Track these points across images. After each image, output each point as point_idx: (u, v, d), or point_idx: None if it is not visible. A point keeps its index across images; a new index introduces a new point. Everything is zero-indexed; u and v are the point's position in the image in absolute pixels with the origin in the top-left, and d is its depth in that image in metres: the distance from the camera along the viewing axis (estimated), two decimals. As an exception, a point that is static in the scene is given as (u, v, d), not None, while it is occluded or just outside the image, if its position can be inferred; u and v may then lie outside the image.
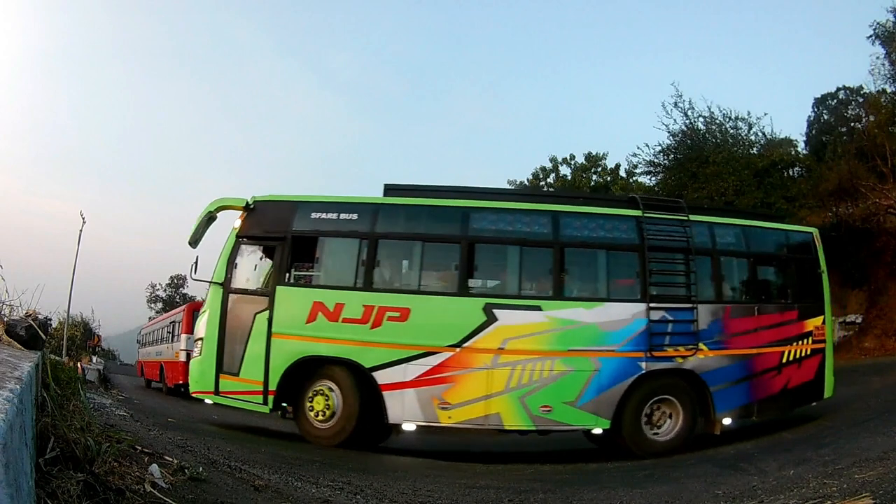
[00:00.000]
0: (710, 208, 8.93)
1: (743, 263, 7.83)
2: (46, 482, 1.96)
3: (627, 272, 7.35)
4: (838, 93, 26.94)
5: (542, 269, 7.19)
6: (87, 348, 25.08)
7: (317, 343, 6.86)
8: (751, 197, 17.20)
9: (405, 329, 6.79)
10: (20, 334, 3.33)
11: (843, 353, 15.96)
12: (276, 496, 3.89)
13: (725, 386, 7.08)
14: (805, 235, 8.60)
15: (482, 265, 7.24)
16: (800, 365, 7.51)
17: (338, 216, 7.20)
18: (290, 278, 7.17)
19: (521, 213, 7.37)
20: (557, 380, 6.72)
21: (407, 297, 6.96)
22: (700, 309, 7.09)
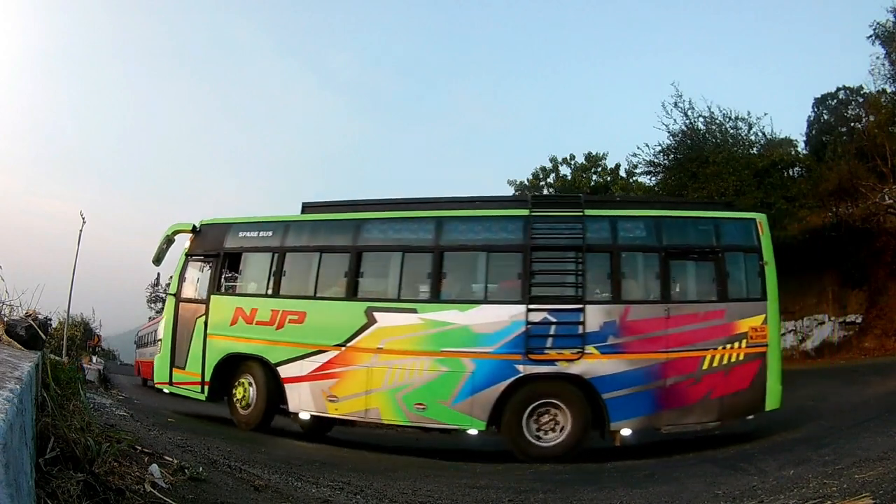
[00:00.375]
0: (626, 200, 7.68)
1: (652, 258, 7.08)
2: (46, 482, 1.96)
3: (510, 274, 7.21)
4: (838, 93, 26.95)
5: (421, 273, 7.35)
6: (87, 348, 25.07)
7: (238, 342, 7.95)
8: (751, 197, 17.19)
9: (302, 330, 7.59)
10: (20, 334, 3.33)
11: (844, 353, 15.97)
12: (276, 496, 3.89)
13: (623, 393, 6.61)
14: (744, 223, 7.37)
15: (368, 272, 7.66)
16: (728, 372, 6.71)
17: (257, 234, 8.30)
18: (221, 288, 8.30)
19: (407, 220, 7.72)
20: (432, 379, 6.94)
21: (304, 301, 7.72)
22: (589, 310, 6.74)
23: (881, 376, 11.83)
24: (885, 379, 11.44)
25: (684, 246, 7.16)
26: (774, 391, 6.81)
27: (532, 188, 23.63)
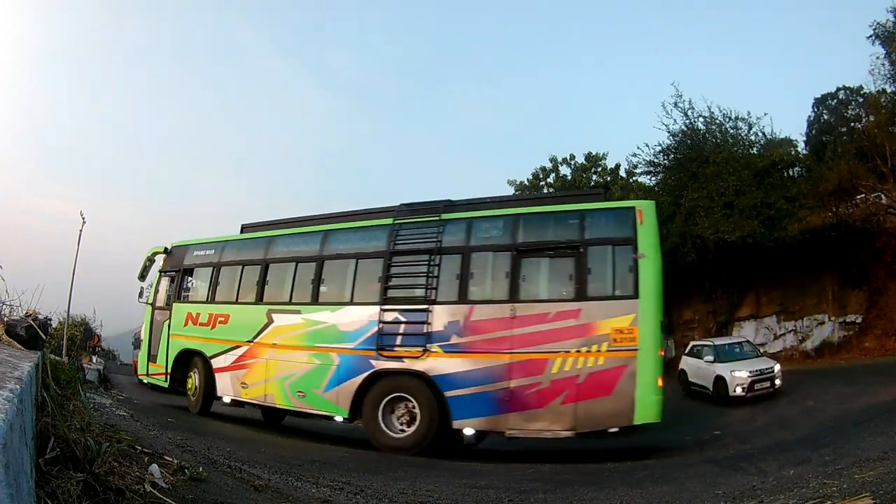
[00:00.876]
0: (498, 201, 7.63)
1: (503, 257, 6.96)
2: (46, 482, 1.96)
3: (373, 278, 7.69)
4: (838, 93, 26.96)
5: (307, 280, 8.27)
6: (87, 348, 25.05)
7: (188, 340, 9.53)
8: (751, 197, 17.18)
9: (227, 329, 8.97)
10: (20, 334, 3.33)
11: (844, 353, 15.96)
12: (276, 496, 3.89)
13: (464, 392, 6.63)
14: (617, 213, 6.92)
15: (272, 280, 8.80)
16: (584, 377, 6.28)
17: (204, 252, 9.88)
18: (180, 297, 9.98)
19: (301, 235, 8.77)
20: (309, 370, 7.85)
21: (229, 306, 9.14)
22: (435, 310, 6.96)
23: (881, 376, 11.83)
24: (885, 379, 11.44)
25: (538, 242, 6.94)
26: (647, 402, 6.10)
27: (532, 188, 23.63)
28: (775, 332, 17.84)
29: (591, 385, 6.24)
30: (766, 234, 16.76)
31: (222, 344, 8.92)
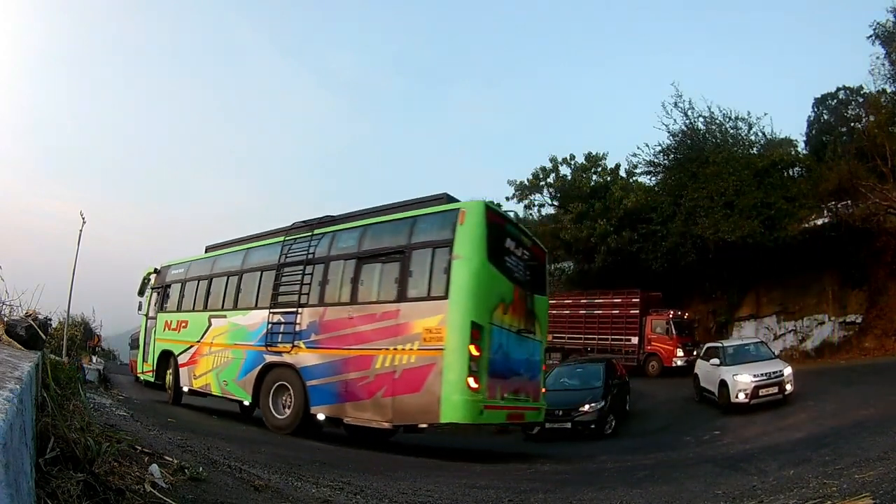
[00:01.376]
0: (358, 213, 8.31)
1: (351, 265, 7.68)
2: (46, 482, 1.96)
3: (270, 286, 8.83)
4: (838, 93, 26.97)
5: (232, 290, 9.79)
6: (87, 348, 25.04)
7: (166, 343, 11.23)
8: (751, 197, 17.18)
9: (186, 332, 10.58)
10: (20, 334, 3.33)
11: (844, 353, 15.96)
12: (276, 496, 3.89)
13: (318, 382, 7.48)
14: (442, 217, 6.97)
15: (213, 291, 10.34)
16: (399, 373, 6.54)
17: (177, 271, 11.64)
18: (162, 308, 11.78)
19: (231, 254, 10.31)
20: (229, 364, 9.25)
21: (187, 314, 10.78)
22: (303, 312, 7.95)
23: (881, 376, 11.83)
24: (885, 379, 11.44)
25: (375, 250, 7.49)
26: (451, 401, 6.10)
27: (532, 188, 23.62)
28: (775, 332, 17.83)
29: (404, 381, 6.54)
30: (766, 234, 16.76)
31: (183, 344, 10.59)
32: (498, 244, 6.88)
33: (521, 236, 7.64)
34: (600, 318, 19.29)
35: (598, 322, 19.32)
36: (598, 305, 19.45)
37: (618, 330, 18.81)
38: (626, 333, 18.64)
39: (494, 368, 6.54)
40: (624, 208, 19.90)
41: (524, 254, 7.53)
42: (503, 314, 6.79)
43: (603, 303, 19.34)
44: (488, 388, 6.41)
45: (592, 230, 19.98)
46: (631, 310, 18.67)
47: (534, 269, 7.78)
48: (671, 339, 17.62)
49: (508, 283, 6.97)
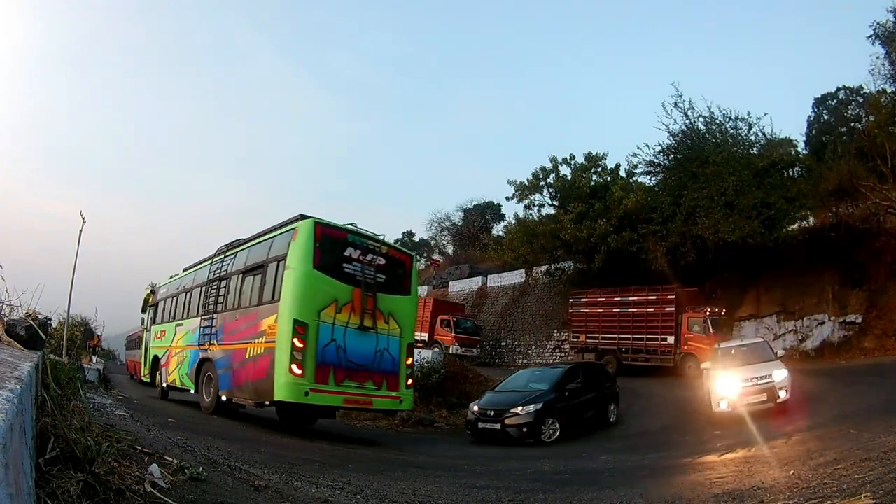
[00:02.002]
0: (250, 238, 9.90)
1: (239, 278, 9.51)
2: (46, 482, 1.96)
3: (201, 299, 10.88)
4: (838, 93, 26.99)
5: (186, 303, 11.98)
6: (87, 348, 25.05)
7: (155, 349, 13.52)
8: (751, 197, 17.17)
9: (164, 339, 12.84)
10: (20, 334, 3.32)
11: (844, 353, 15.95)
12: (276, 496, 3.89)
13: (223, 371, 9.13)
14: (285, 235, 8.20)
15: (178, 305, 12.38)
16: (256, 362, 8.08)
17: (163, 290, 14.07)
18: (155, 322, 14.07)
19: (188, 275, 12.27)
20: (183, 361, 11.09)
21: (165, 325, 13.04)
22: (217, 317, 9.79)
23: (881, 376, 11.83)
24: (885, 379, 11.44)
25: (250, 266, 9.14)
26: (279, 383, 7.42)
27: (532, 188, 23.62)
28: (775, 332, 17.82)
29: (258, 368, 8.00)
30: (766, 234, 16.75)
31: (163, 349, 12.70)
32: (332, 254, 7.99)
33: (367, 245, 8.46)
34: (634, 317, 18.33)
35: (632, 321, 18.37)
36: (632, 303, 18.49)
37: (653, 329, 17.80)
38: (661, 332, 17.58)
39: (325, 358, 7.62)
40: (624, 208, 19.89)
41: (373, 259, 8.39)
42: (337, 312, 7.79)
43: (637, 300, 18.38)
44: (316, 375, 7.51)
45: (592, 230, 19.97)
46: (666, 307, 17.66)
47: (388, 273, 8.61)
48: (708, 338, 16.23)
49: (344, 286, 7.94)
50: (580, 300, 19.90)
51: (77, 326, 21.24)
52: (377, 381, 8.18)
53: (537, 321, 24.39)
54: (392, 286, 8.63)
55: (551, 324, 23.73)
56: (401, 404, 8.71)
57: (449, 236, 44.98)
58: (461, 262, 37.04)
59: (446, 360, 20.38)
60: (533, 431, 9.83)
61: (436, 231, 45.33)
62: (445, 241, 45.62)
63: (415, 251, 51.82)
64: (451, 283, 30.61)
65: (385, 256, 8.65)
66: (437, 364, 18.59)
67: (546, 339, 23.53)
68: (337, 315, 7.79)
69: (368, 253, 8.38)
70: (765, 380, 10.08)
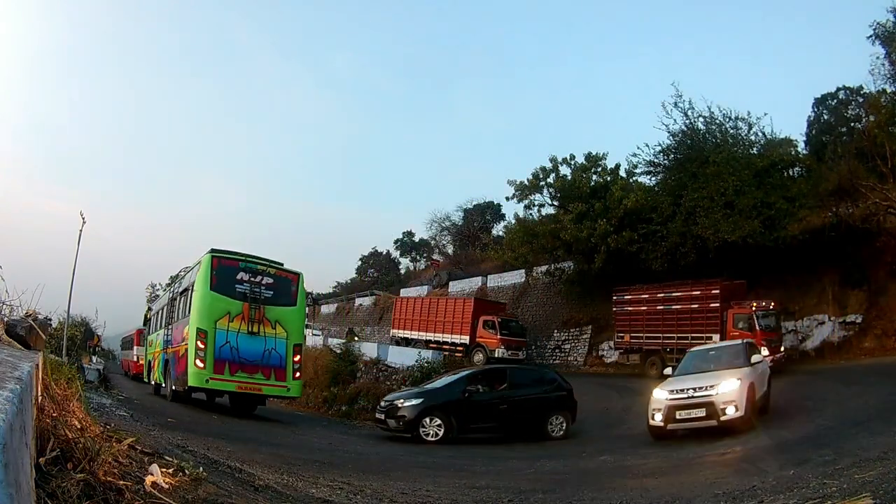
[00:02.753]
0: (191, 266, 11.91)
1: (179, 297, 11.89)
2: (46, 482, 1.96)
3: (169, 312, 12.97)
4: (838, 93, 26.96)
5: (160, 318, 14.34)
6: (87, 348, 25.06)
7: (149, 355, 15.67)
8: (751, 197, 17.17)
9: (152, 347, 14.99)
10: (20, 334, 3.32)
11: (844, 353, 15.94)
12: (276, 496, 3.89)
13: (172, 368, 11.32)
14: (197, 266, 10.70)
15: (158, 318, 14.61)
16: (182, 359, 10.40)
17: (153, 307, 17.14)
18: (149, 333, 16.49)
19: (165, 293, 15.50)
20: (159, 362, 13.18)
21: (152, 335, 15.30)
22: (171, 327, 12.14)
23: (881, 376, 11.82)
24: (885, 379, 11.43)
25: (184, 288, 11.44)
26: (190, 373, 9.74)
27: (532, 188, 23.58)
28: (775, 332, 17.77)
29: (182, 363, 10.25)
30: (766, 234, 16.74)
31: (151, 354, 15.02)
32: (226, 278, 10.10)
33: (257, 268, 10.49)
34: (679, 314, 16.92)
35: (676, 319, 16.95)
36: (676, 299, 17.13)
37: (697, 327, 16.39)
38: (706, 330, 16.11)
39: (221, 355, 9.77)
40: (624, 208, 19.85)
41: (262, 280, 10.41)
42: (229, 322, 9.88)
43: (681, 296, 16.99)
44: (214, 367, 9.71)
45: (592, 230, 19.94)
46: (710, 303, 16.28)
47: (276, 289, 10.52)
48: (754, 336, 14.63)
49: (236, 302, 10.02)
50: (623, 297, 18.51)
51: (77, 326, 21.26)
52: (266, 373, 10.11)
53: (537, 321, 24.38)
54: (280, 299, 10.52)
55: (551, 324, 23.73)
56: (288, 392, 10.72)
57: (449, 236, 44.96)
58: (461, 263, 37.05)
59: (446, 361, 20.37)
60: (410, 427, 9.66)
61: (436, 231, 45.33)
62: (445, 241, 45.63)
63: (415, 251, 51.99)
64: (452, 284, 30.58)
65: (273, 276, 10.58)
66: (436, 364, 18.59)
67: (546, 339, 23.52)
68: (230, 323, 9.86)
69: (258, 275, 10.38)
70: (702, 392, 8.50)
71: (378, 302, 35.25)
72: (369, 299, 36.47)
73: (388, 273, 49.47)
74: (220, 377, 9.73)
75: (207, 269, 10.03)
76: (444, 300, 24.80)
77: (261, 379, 10.04)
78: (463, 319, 21.92)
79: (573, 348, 22.02)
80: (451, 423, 9.64)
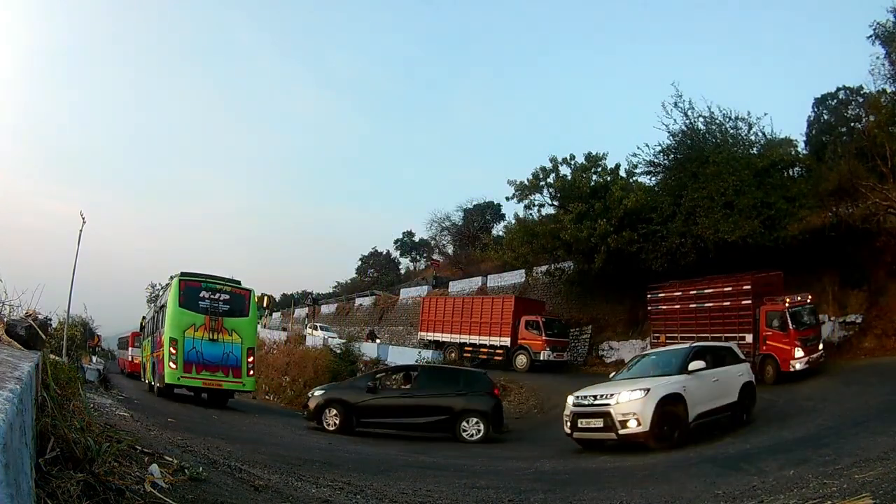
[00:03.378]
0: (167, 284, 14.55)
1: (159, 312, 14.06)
2: (46, 482, 1.96)
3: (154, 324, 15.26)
4: (838, 93, 26.96)
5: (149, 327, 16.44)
6: (87, 348, 25.07)
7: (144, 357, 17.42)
8: (751, 197, 17.16)
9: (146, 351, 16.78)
10: (20, 334, 3.32)
11: (844, 353, 15.94)
12: (276, 496, 3.89)
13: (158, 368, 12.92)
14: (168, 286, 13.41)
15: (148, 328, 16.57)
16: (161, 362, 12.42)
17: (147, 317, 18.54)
18: (143, 337, 18.63)
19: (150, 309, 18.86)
20: (149, 363, 15.19)
21: (147, 340, 16.63)
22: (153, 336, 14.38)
23: (881, 376, 11.81)
24: (885, 379, 11.42)
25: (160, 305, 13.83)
26: (166, 373, 11.81)
27: (532, 188, 23.55)
28: (775, 331, 17.75)
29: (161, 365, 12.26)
30: (766, 234, 16.73)
31: (145, 357, 16.91)
32: (191, 296, 12.12)
33: (216, 286, 12.51)
34: (712, 313, 15.65)
35: (709, 318, 15.67)
36: (708, 296, 15.84)
37: (730, 326, 15.01)
38: (739, 330, 14.73)
39: (189, 359, 11.75)
40: (624, 208, 19.82)
41: (220, 296, 12.39)
42: (195, 331, 11.87)
43: (713, 293, 15.73)
44: (184, 368, 11.71)
45: (592, 230, 19.92)
46: (742, 299, 14.93)
47: (232, 303, 12.51)
48: (787, 336, 13.42)
49: (199, 315, 11.98)
50: (657, 295, 17.34)
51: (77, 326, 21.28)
52: (225, 372, 12.16)
53: (537, 321, 24.36)
54: (235, 312, 12.52)
55: (551, 324, 23.71)
56: (244, 386, 12.79)
57: (449, 236, 44.92)
58: (461, 263, 37.05)
59: (446, 360, 20.37)
60: (314, 416, 10.86)
61: (436, 231, 45.28)
62: (445, 241, 45.60)
63: (415, 251, 51.95)
64: (451, 284, 30.58)
65: (229, 293, 12.60)
66: (436, 363, 18.60)
67: (546, 338, 23.48)
68: (195, 333, 11.88)
69: (217, 292, 12.41)
70: (601, 402, 8.12)
71: (378, 302, 35.24)
72: (369, 299, 36.47)
73: (388, 273, 49.51)
74: (189, 376, 11.79)
75: (176, 290, 12.15)
76: (481, 299, 23.00)
77: (221, 376, 12.14)
78: (503, 320, 20.55)
79: (573, 348, 22.00)
80: (347, 416, 10.60)
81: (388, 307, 33.65)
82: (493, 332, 20.93)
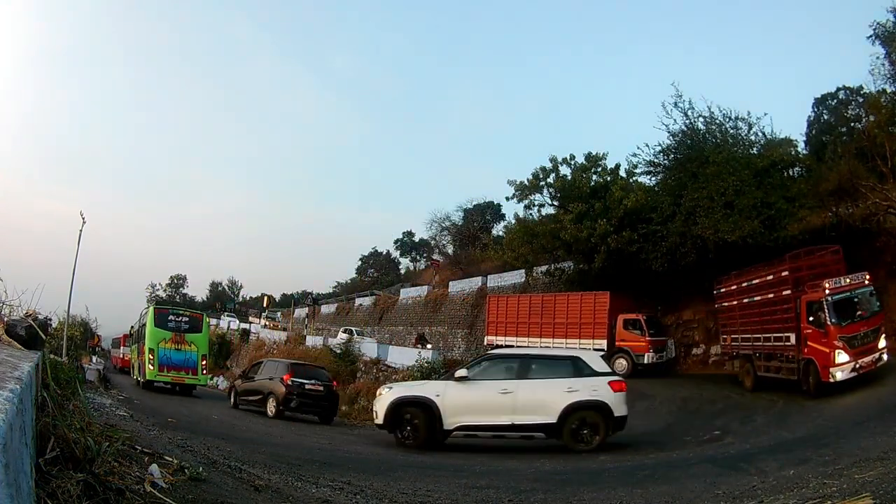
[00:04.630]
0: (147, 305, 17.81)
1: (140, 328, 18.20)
2: (46, 482, 1.96)
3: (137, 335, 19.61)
4: (838, 93, 26.95)
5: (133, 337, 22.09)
6: (87, 348, 25.11)
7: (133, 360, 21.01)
8: (751, 197, 17.15)
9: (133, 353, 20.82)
10: (20, 334, 3.32)
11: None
12: (276, 496, 3.89)
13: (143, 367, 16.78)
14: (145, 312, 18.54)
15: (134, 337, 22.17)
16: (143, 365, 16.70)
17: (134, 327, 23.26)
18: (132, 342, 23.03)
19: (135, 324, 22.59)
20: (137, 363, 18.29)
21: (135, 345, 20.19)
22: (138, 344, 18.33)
23: (881, 376, 11.80)
24: (885, 379, 11.41)
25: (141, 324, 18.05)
26: (146, 372, 16.28)
27: (532, 188, 23.57)
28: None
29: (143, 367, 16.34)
30: (766, 234, 16.73)
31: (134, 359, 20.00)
32: (163, 319, 16.97)
33: (179, 312, 18.16)
34: (761, 308, 13.28)
35: (759, 314, 13.38)
36: (754, 288, 13.66)
37: (774, 324, 12.71)
38: (782, 328, 12.31)
39: (162, 362, 16.23)
40: (624, 208, 19.82)
41: (182, 319, 17.40)
42: (165, 343, 16.43)
43: (759, 284, 13.43)
44: (159, 369, 16.15)
45: (592, 230, 19.91)
46: (782, 290, 12.38)
47: (190, 324, 17.34)
48: (825, 335, 10.78)
49: (168, 332, 16.63)
50: (720, 291, 15.44)
51: (77, 326, 21.34)
52: (186, 371, 16.71)
53: (537, 321, 24.35)
54: (192, 329, 17.29)
55: (551, 324, 23.72)
56: (199, 381, 17.43)
57: (449, 236, 44.96)
58: (461, 263, 37.06)
59: (446, 360, 20.37)
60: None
61: (436, 231, 45.32)
62: (445, 241, 45.63)
63: (415, 251, 51.98)
64: (451, 284, 30.61)
65: (189, 317, 17.86)
66: (436, 364, 18.59)
67: (546, 339, 23.48)
68: (166, 344, 16.44)
69: (180, 316, 17.62)
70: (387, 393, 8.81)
71: (378, 302, 35.24)
72: (369, 299, 36.47)
73: (388, 273, 49.55)
74: (163, 374, 16.39)
75: (152, 315, 17.12)
76: (566, 296, 20.13)
77: (184, 374, 16.72)
78: (595, 320, 18.12)
79: (573, 348, 21.95)
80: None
81: (388, 307, 33.66)
82: (584, 334, 18.31)
